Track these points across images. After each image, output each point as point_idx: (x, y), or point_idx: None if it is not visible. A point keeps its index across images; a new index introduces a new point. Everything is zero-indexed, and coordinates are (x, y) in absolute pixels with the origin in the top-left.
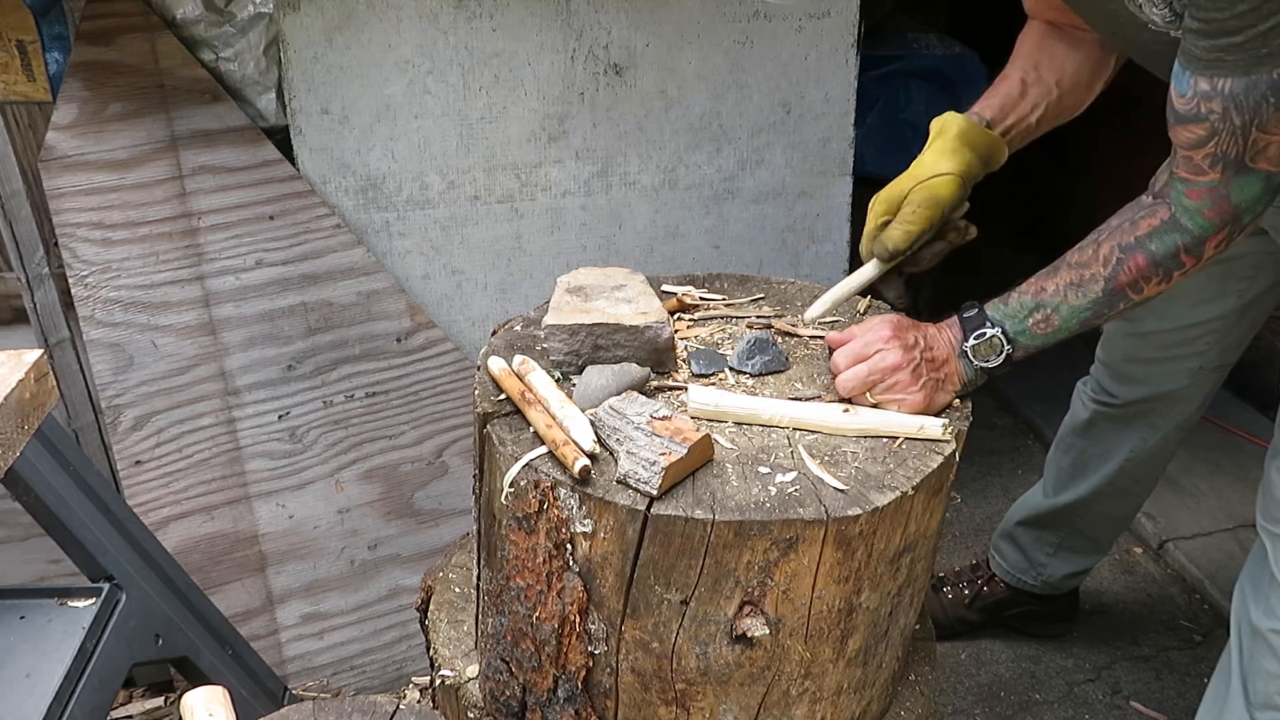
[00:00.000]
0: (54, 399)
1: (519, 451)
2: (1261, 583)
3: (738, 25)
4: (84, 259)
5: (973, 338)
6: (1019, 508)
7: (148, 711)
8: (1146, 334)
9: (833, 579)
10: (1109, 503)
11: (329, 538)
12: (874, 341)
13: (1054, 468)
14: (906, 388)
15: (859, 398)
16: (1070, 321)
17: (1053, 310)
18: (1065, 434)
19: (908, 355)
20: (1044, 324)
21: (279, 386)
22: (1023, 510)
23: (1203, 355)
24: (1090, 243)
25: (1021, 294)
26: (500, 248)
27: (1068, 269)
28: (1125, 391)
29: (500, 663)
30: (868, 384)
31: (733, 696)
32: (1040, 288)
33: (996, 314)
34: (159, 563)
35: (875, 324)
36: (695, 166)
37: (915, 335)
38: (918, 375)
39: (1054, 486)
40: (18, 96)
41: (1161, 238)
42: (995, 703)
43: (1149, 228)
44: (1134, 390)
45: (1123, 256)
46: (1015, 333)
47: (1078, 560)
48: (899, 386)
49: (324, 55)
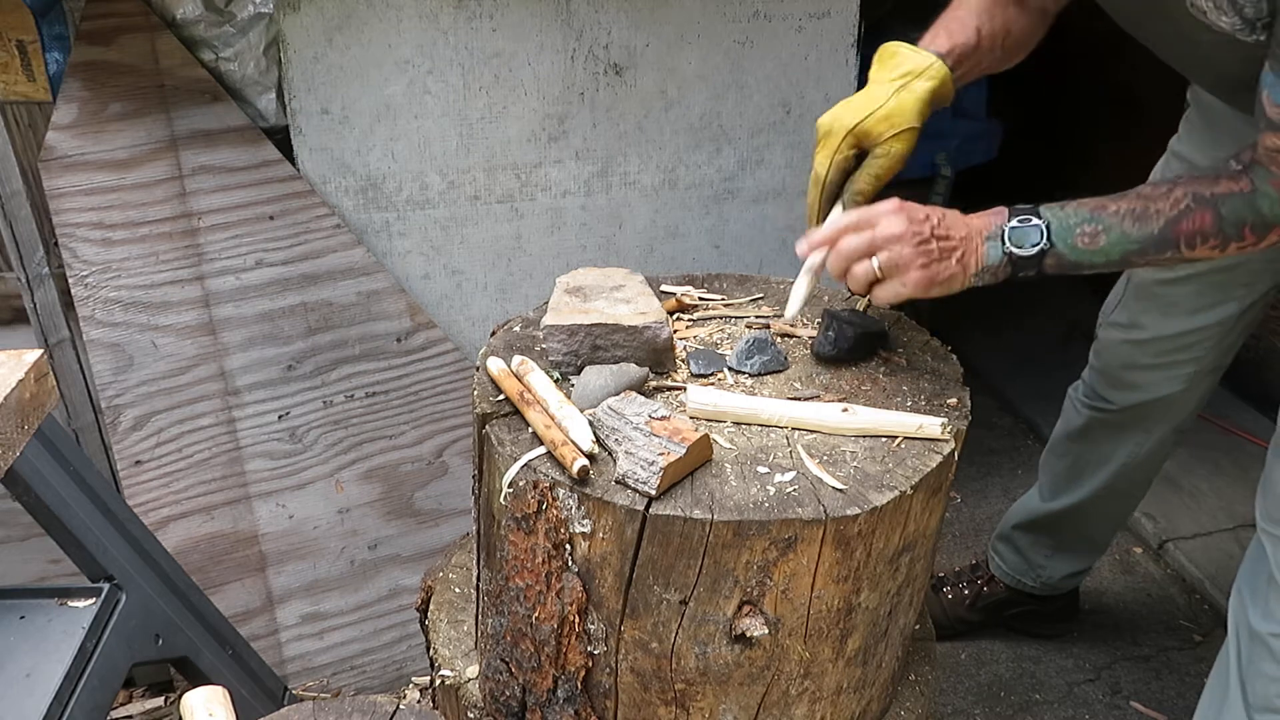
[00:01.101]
0: (54, 399)
1: (518, 452)
2: (1259, 585)
3: (738, 25)
4: (84, 259)
5: (1016, 219)
6: (1015, 512)
7: (148, 711)
8: (1145, 341)
9: (832, 579)
10: (1106, 505)
11: (329, 538)
12: (877, 213)
13: (1049, 472)
14: (910, 262)
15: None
16: (1114, 249)
17: (1104, 230)
18: (1059, 439)
19: (914, 227)
20: (1090, 239)
21: (279, 386)
22: (1019, 514)
23: (1199, 360)
24: (1166, 183)
25: (1081, 205)
26: (500, 248)
27: (1136, 197)
28: (1121, 397)
29: (500, 663)
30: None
31: (732, 696)
32: (1101, 205)
33: (1049, 213)
34: (159, 563)
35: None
36: (695, 166)
37: (926, 211)
38: (924, 250)
39: (1050, 491)
40: (18, 96)
41: (1235, 204)
42: (995, 703)
43: (1228, 190)
44: (1130, 396)
45: (1193, 205)
46: (1058, 235)
47: (1076, 561)
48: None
49: (324, 55)
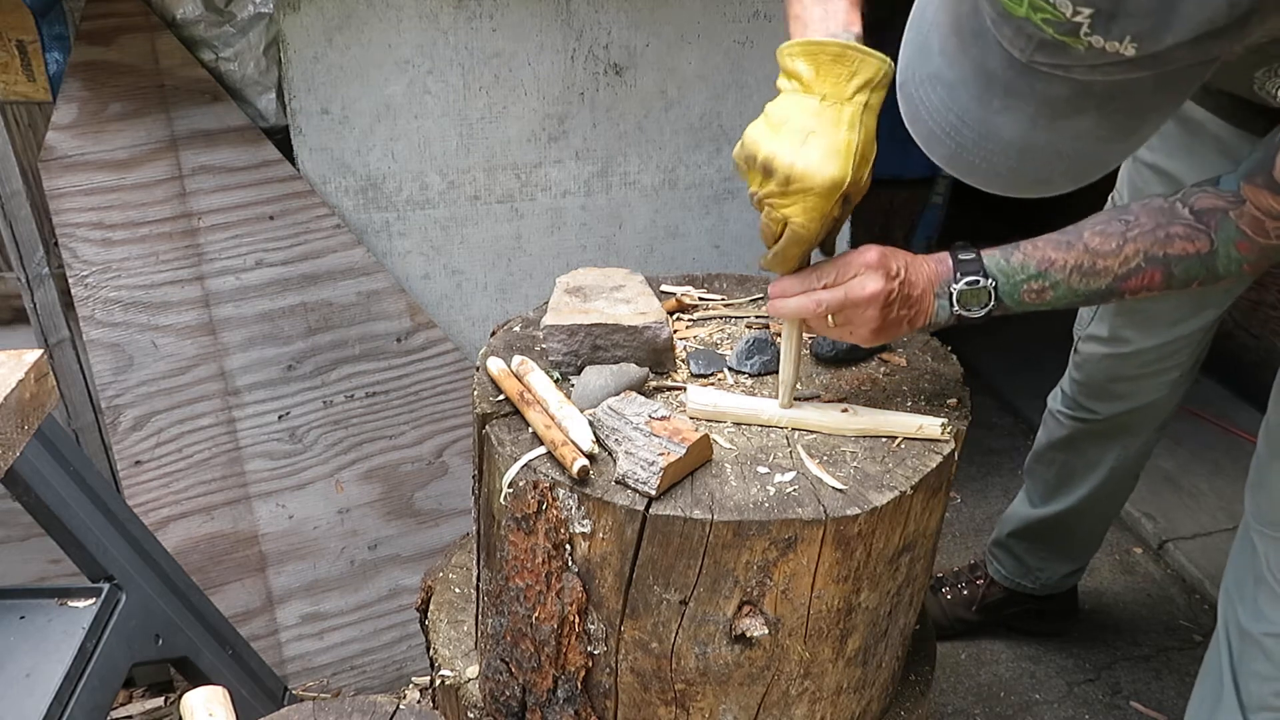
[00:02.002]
0: (54, 399)
1: (518, 452)
2: (1247, 584)
3: (738, 25)
4: (84, 259)
5: (964, 281)
6: (1009, 519)
7: (148, 711)
8: (1128, 354)
9: (832, 579)
10: (1099, 506)
11: (329, 538)
12: (853, 265)
13: (1038, 480)
14: (869, 323)
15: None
16: (1060, 301)
17: (1050, 285)
18: (1043, 449)
19: (887, 286)
20: (1036, 294)
21: (279, 386)
22: (1013, 522)
23: (1182, 365)
24: (1117, 234)
25: (1026, 256)
26: (500, 248)
27: (1084, 251)
28: (1106, 408)
29: (500, 663)
30: (836, 307)
31: (732, 696)
32: (1048, 258)
33: (993, 266)
34: (159, 563)
35: (858, 250)
36: (695, 166)
37: (898, 264)
38: (887, 312)
39: (1040, 497)
40: (18, 96)
41: (1189, 265)
42: (995, 703)
43: (1183, 252)
44: (1116, 406)
45: (1144, 265)
46: (1005, 292)
47: (1072, 560)
48: (860, 320)
49: (324, 55)
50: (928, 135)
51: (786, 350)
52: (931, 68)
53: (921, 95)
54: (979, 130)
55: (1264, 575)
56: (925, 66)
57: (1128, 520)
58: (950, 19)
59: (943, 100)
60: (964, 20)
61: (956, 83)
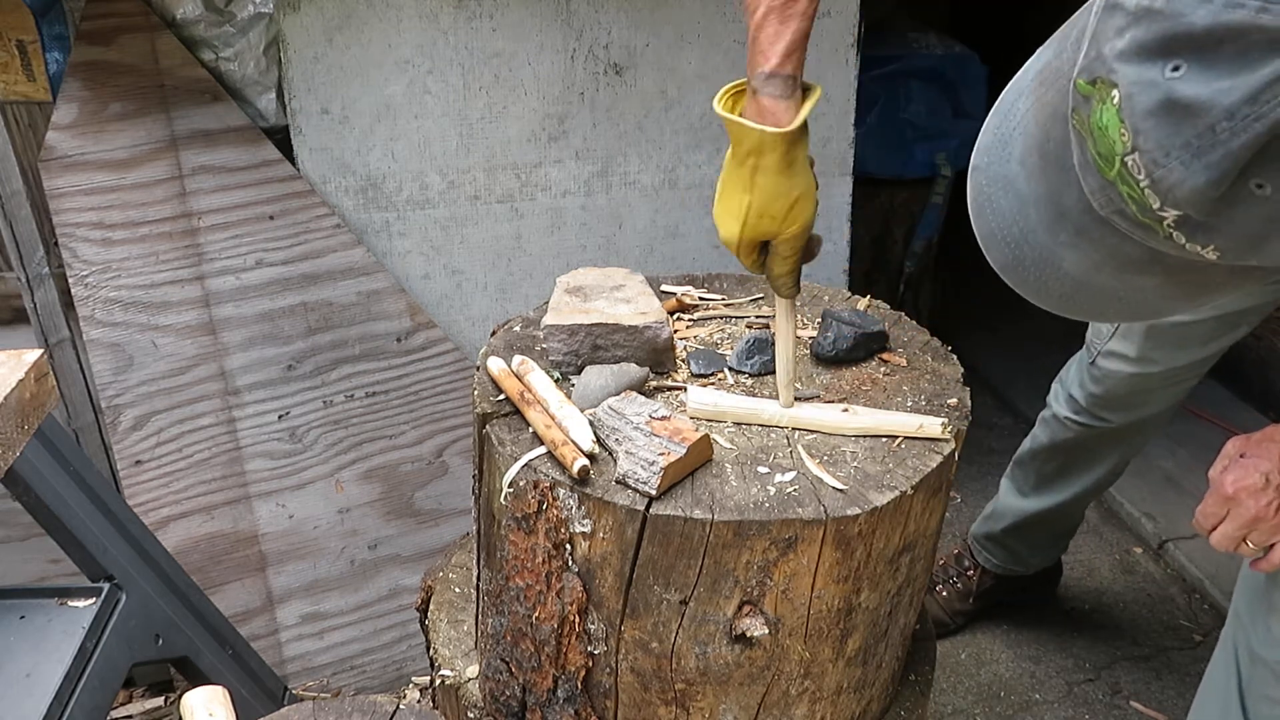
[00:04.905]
0: (54, 399)
1: (518, 452)
2: (1258, 608)
3: (738, 25)
4: (84, 259)
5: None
6: (1000, 516)
7: (148, 711)
8: (1156, 373)
9: (832, 579)
10: (1094, 495)
11: (329, 538)
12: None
13: (1030, 472)
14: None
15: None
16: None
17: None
18: (1043, 449)
19: (1264, 498)
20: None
21: (279, 386)
22: (1006, 518)
23: (1203, 375)
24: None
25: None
26: (500, 248)
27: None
28: (1122, 417)
29: (500, 663)
30: (1237, 539)
31: (732, 696)
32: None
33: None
34: (159, 563)
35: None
36: (695, 166)
37: (1263, 471)
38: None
39: (1032, 488)
40: (18, 96)
41: None
42: (995, 703)
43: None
44: (1131, 415)
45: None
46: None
47: (1063, 541)
48: (1269, 528)
49: (324, 55)
50: (988, 235)
51: (780, 349)
52: (1007, 171)
53: (991, 194)
54: (1041, 254)
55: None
56: (1001, 167)
57: (1128, 520)
58: (1039, 133)
59: (1012, 210)
60: (1052, 145)
61: (1029, 200)
